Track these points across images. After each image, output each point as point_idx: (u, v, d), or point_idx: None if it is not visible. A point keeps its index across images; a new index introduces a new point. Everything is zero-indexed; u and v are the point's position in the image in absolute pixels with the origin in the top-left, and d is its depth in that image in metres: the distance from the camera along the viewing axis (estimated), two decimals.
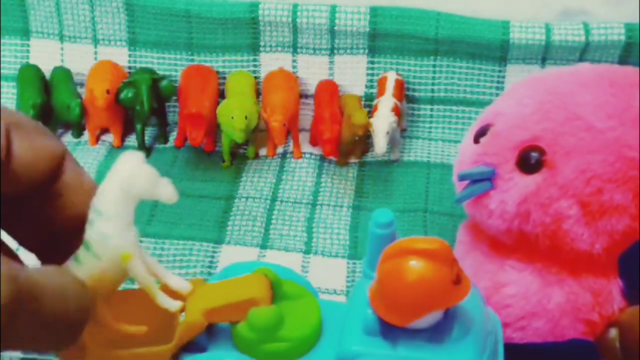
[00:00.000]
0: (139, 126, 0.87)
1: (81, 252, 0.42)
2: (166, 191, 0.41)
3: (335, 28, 0.88)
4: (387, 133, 0.82)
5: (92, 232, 0.42)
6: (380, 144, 0.81)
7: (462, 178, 0.64)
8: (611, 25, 0.86)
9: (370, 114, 0.84)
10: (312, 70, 0.91)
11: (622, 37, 0.85)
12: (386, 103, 0.84)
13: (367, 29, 0.88)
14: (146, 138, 0.89)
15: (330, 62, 0.90)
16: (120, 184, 0.41)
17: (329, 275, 0.74)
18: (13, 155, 0.39)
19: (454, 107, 0.90)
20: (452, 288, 0.45)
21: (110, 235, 0.41)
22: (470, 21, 0.87)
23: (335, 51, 0.90)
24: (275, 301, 0.49)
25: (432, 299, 0.45)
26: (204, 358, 0.49)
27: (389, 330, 0.47)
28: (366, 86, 0.91)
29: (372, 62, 0.90)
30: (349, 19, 0.87)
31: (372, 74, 0.90)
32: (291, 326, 0.48)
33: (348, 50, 0.90)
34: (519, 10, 0.89)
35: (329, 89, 0.89)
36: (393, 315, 0.46)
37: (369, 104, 0.90)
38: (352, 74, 0.91)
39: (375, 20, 0.87)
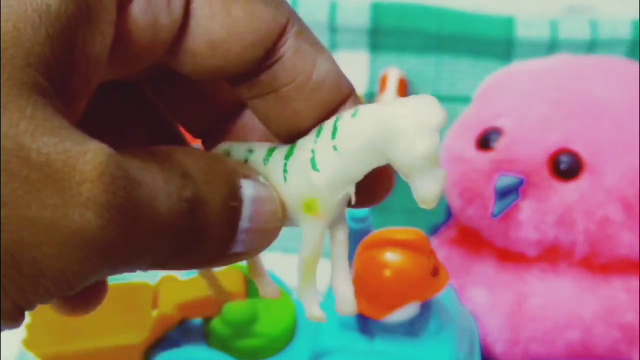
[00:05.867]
0: None
1: (276, 157, 0.29)
2: (431, 187, 0.27)
3: (336, 24, 0.86)
4: None
5: (307, 139, 0.28)
6: None
7: (498, 192, 0.60)
8: (618, 22, 0.84)
9: None
10: None
11: (629, 34, 0.84)
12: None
13: (368, 25, 0.86)
14: None
15: None
16: (380, 126, 0.26)
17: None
18: (190, 28, 0.27)
19: (458, 105, 0.88)
20: (429, 279, 0.44)
21: (317, 166, 0.28)
22: (474, 17, 0.86)
23: (336, 48, 0.88)
24: (249, 298, 0.48)
25: (409, 290, 0.44)
26: (176, 354, 0.47)
27: (366, 325, 0.46)
28: (368, 84, 0.89)
29: (374, 60, 0.89)
30: (349, 15, 0.86)
31: (374, 72, 0.89)
32: (265, 322, 0.47)
33: (349, 47, 0.88)
34: (524, 6, 0.88)
35: None
36: (370, 307, 0.45)
37: (370, 101, 0.88)
38: (352, 71, 0.89)
39: (377, 16, 0.86)
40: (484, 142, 0.64)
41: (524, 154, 0.60)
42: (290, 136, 0.29)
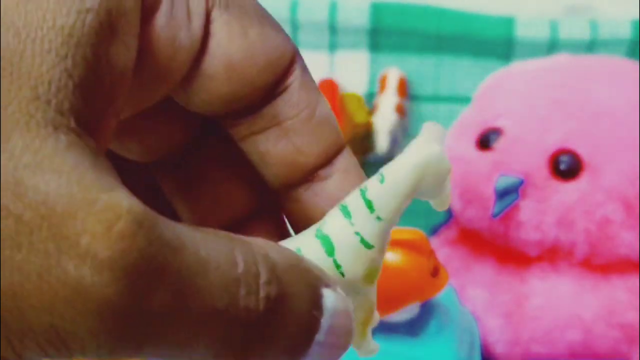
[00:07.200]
0: None
1: (307, 238, 0.28)
2: (446, 197, 0.28)
3: (336, 24, 0.86)
4: (389, 132, 0.80)
5: (338, 225, 0.27)
6: (381, 143, 0.80)
7: (498, 192, 0.60)
8: (618, 22, 0.84)
9: (371, 112, 0.83)
10: (311, 68, 0.89)
11: (629, 34, 0.84)
12: (388, 101, 0.83)
13: (368, 25, 0.86)
14: None
15: (330, 59, 0.89)
16: (416, 171, 0.27)
17: None
18: (210, 48, 0.26)
19: (457, 106, 0.88)
20: (429, 279, 0.44)
21: (370, 244, 0.27)
22: (474, 17, 0.86)
23: (336, 48, 0.88)
24: None
25: (409, 290, 0.44)
26: None
27: None
28: (368, 84, 0.89)
29: (374, 60, 0.89)
30: (349, 15, 0.86)
31: (374, 72, 0.89)
32: None
33: (349, 47, 0.88)
34: (524, 6, 0.88)
35: (328, 87, 0.87)
36: None
37: (370, 101, 0.89)
38: (352, 71, 0.89)
39: (377, 16, 0.86)
40: (484, 142, 0.64)
41: (524, 154, 0.60)
42: (287, 179, 0.28)
